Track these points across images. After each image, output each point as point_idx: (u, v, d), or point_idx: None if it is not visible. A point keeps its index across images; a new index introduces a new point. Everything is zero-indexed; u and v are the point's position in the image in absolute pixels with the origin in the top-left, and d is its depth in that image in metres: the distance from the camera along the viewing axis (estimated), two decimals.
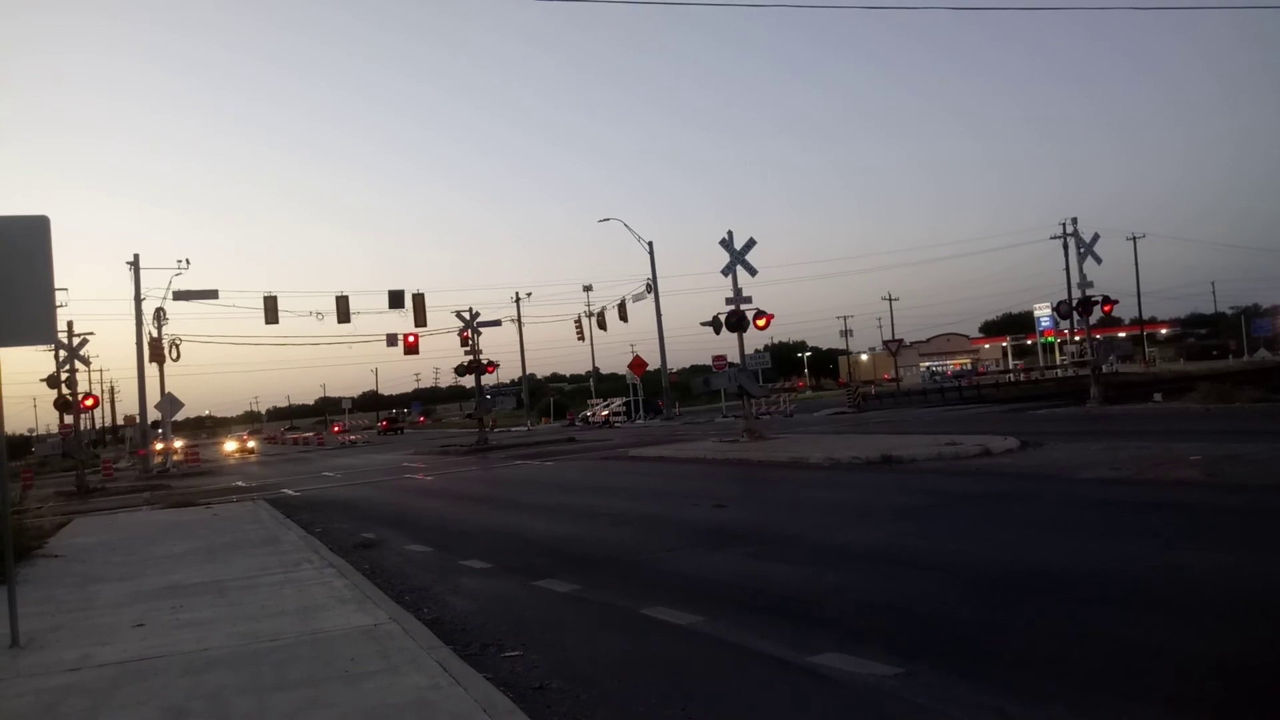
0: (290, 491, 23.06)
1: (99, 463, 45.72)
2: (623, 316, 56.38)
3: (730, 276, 24.45)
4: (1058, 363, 72.43)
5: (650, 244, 53.80)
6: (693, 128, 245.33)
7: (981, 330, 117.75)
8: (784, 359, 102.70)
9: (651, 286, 53.60)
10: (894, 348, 71.19)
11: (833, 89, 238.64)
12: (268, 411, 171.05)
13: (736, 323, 24.45)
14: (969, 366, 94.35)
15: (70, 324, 33.80)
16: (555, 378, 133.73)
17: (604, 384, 78.85)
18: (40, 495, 29.49)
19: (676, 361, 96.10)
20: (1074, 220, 31.90)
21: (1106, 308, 30.07)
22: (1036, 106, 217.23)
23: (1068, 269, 56.99)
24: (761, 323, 25.15)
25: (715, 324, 25.03)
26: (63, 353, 30.51)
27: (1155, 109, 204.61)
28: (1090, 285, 29.09)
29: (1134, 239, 75.31)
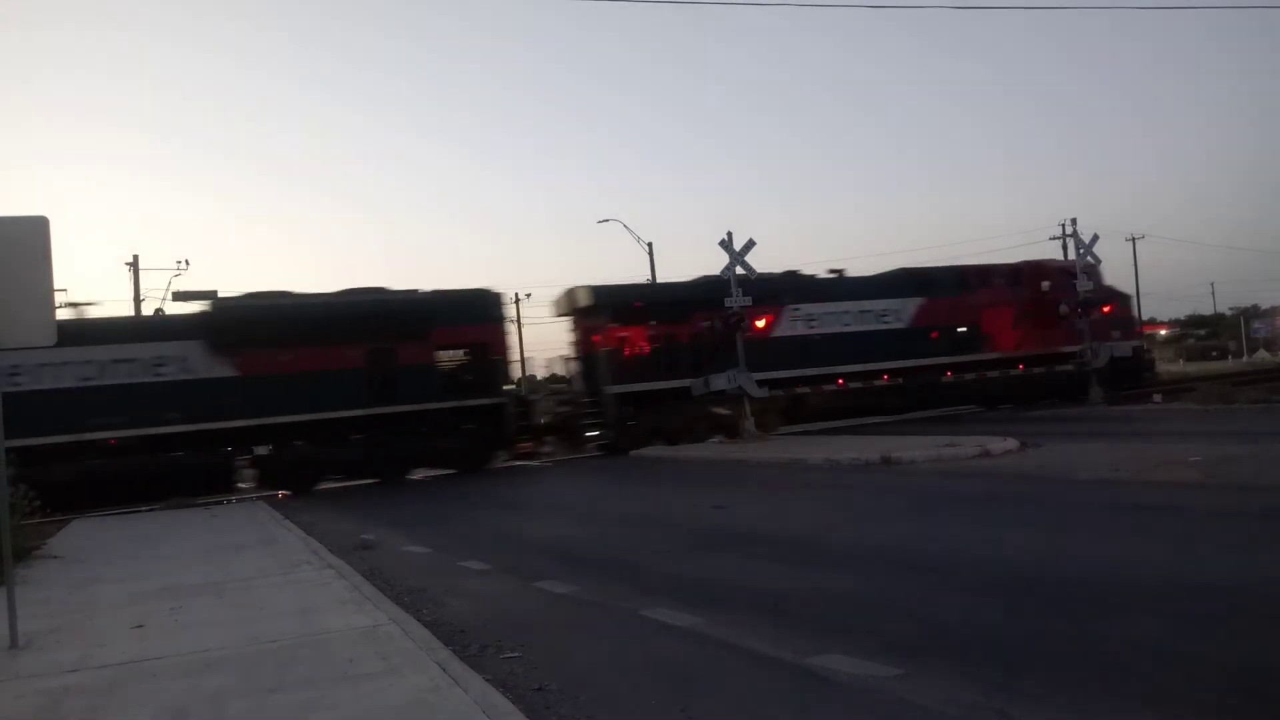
0: (287, 492, 23.02)
1: None
2: None
3: (729, 278, 24.40)
4: None
5: (650, 245, 53.74)
6: (693, 127, 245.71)
7: None
8: None
9: None
10: None
11: (834, 85, 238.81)
12: None
13: (735, 324, 24.43)
14: None
15: None
16: (555, 379, 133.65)
17: None
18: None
19: None
20: (1073, 221, 31.91)
21: (1106, 308, 30.06)
22: (1036, 104, 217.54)
23: None
24: (761, 323, 25.14)
25: (714, 324, 24.99)
26: None
27: (1154, 106, 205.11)
28: (1090, 286, 29.03)
29: (1133, 240, 75.21)
